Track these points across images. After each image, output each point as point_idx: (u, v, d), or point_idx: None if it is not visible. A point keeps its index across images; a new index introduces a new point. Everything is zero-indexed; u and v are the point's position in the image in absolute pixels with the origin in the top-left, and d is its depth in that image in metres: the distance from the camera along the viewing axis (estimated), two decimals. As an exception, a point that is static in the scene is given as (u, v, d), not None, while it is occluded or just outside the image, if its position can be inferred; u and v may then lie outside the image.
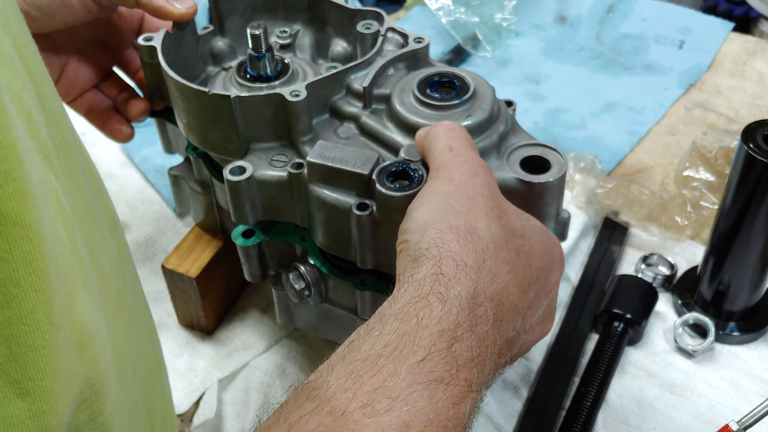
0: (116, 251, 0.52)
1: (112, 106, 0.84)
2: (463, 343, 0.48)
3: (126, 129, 0.83)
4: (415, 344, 0.47)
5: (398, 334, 0.48)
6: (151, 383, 0.58)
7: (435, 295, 0.49)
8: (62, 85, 0.80)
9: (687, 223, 0.95)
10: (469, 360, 0.48)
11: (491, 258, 0.52)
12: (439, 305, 0.49)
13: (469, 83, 0.67)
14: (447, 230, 0.52)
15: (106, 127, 0.83)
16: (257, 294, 0.92)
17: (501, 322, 0.51)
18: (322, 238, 0.68)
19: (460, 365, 0.47)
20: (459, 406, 0.47)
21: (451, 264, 0.51)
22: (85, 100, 0.83)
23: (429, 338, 0.47)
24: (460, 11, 1.29)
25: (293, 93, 0.67)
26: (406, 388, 0.45)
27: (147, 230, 1.00)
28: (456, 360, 0.47)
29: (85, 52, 0.81)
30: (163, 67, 0.70)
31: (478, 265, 0.51)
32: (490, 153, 0.65)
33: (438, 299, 0.49)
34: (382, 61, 0.70)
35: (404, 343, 0.47)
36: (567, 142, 1.11)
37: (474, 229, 0.53)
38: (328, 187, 0.64)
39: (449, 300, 0.49)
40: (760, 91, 1.19)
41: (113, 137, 0.83)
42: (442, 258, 0.51)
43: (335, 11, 0.78)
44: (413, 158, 0.62)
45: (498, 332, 0.51)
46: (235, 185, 0.66)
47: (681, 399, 0.80)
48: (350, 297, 0.71)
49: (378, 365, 0.46)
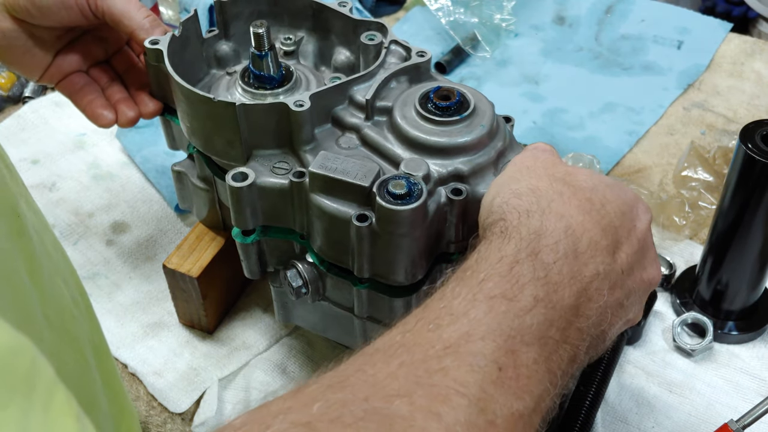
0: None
1: (98, 90, 0.82)
2: (525, 266, 0.51)
3: (108, 114, 0.80)
4: (476, 271, 0.51)
5: (462, 269, 0.53)
6: None
7: (496, 235, 0.54)
8: (50, 71, 0.80)
9: (685, 223, 0.96)
10: (534, 279, 0.50)
11: (557, 203, 0.55)
12: (498, 240, 0.53)
13: (469, 99, 0.68)
14: (509, 194, 0.56)
15: (88, 109, 0.81)
16: (258, 293, 0.93)
17: (579, 254, 0.53)
18: (321, 246, 0.68)
19: (524, 284, 0.50)
20: (524, 318, 0.49)
21: (514, 213, 0.55)
22: (69, 82, 0.81)
23: (488, 264, 0.51)
24: (460, 12, 1.29)
25: (297, 103, 0.67)
26: (467, 305, 0.49)
27: (148, 230, 1.00)
28: (517, 279, 0.50)
29: (78, 42, 0.81)
30: (170, 72, 0.71)
31: (542, 210, 0.54)
32: (487, 169, 0.66)
33: (498, 237, 0.53)
34: (385, 73, 0.71)
35: (467, 274, 0.52)
36: (566, 142, 1.11)
37: (536, 187, 0.56)
38: (328, 197, 0.65)
39: (509, 235, 0.53)
40: (758, 92, 1.19)
41: (94, 121, 0.81)
42: (505, 212, 0.55)
43: (339, 20, 0.78)
44: (414, 172, 0.63)
45: (576, 263, 0.52)
46: (237, 191, 0.67)
47: (680, 398, 0.81)
48: (348, 295, 0.71)
49: (444, 293, 0.51)
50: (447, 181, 0.65)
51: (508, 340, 0.48)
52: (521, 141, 0.71)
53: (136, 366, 0.86)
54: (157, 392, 0.84)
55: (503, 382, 0.46)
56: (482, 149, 0.67)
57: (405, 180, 0.62)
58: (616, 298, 0.55)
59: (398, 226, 0.61)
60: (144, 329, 0.90)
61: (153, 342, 0.88)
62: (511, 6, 1.31)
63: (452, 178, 0.65)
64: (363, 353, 0.48)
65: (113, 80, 0.83)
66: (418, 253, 0.64)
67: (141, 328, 0.90)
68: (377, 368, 0.46)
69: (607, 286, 0.54)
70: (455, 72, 1.25)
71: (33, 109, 1.18)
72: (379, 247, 0.64)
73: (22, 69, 0.80)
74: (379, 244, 0.63)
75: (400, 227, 0.61)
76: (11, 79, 1.21)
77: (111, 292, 0.93)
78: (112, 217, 1.02)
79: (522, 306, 0.49)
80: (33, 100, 1.20)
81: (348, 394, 0.44)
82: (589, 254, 0.53)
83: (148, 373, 0.85)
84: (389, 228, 0.61)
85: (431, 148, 0.66)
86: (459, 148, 0.66)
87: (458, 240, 0.67)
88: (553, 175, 0.58)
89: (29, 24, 0.76)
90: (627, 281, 0.56)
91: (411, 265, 0.65)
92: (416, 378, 0.45)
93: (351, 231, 0.64)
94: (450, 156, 0.66)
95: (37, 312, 0.46)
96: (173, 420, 0.82)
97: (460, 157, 0.66)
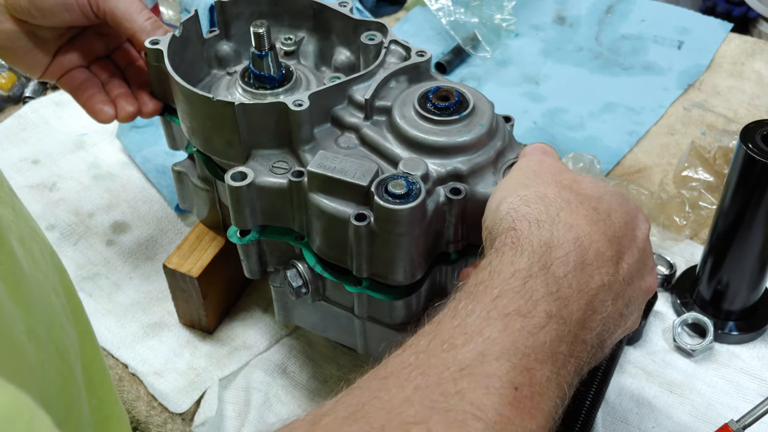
0: None
1: (98, 85, 0.82)
2: (538, 280, 0.50)
3: (108, 110, 0.80)
4: (489, 287, 0.50)
5: (474, 283, 0.52)
6: None
7: (508, 246, 0.53)
8: (52, 69, 0.80)
9: (685, 223, 0.96)
10: (547, 294, 0.50)
11: (566, 212, 0.54)
12: (510, 252, 0.52)
13: (468, 99, 0.68)
14: (517, 200, 0.56)
15: (88, 104, 0.81)
16: (258, 293, 0.93)
17: (586, 266, 0.52)
18: (320, 245, 0.68)
19: (537, 299, 0.50)
20: (538, 335, 0.48)
21: (524, 223, 0.54)
22: (70, 78, 0.81)
23: (502, 279, 0.51)
24: (460, 12, 1.29)
25: (296, 102, 0.67)
26: (482, 323, 0.48)
27: (148, 230, 1.00)
28: (531, 295, 0.50)
29: (79, 39, 0.81)
30: (170, 72, 0.71)
31: (552, 219, 0.54)
32: (486, 168, 0.66)
33: (510, 248, 0.53)
34: (385, 73, 0.71)
35: (480, 289, 0.51)
36: (566, 142, 1.11)
37: (543, 194, 0.56)
38: (327, 197, 0.65)
39: (521, 246, 0.52)
40: (758, 92, 1.19)
41: (94, 116, 0.81)
42: (515, 220, 0.54)
43: (340, 21, 0.78)
44: (412, 171, 0.63)
45: (584, 275, 0.52)
46: (236, 190, 0.67)
47: (680, 398, 0.81)
48: (347, 295, 0.71)
49: (457, 310, 0.50)
50: (446, 180, 0.65)
51: (523, 359, 0.47)
52: (521, 141, 0.71)
53: (137, 366, 0.86)
54: (157, 392, 0.84)
55: (519, 402, 0.46)
56: (481, 149, 0.67)
57: (404, 179, 0.62)
58: (617, 308, 0.55)
59: (397, 226, 0.61)
60: (144, 329, 0.90)
61: (153, 342, 0.88)
62: (512, 6, 1.31)
63: (451, 177, 0.65)
64: (376, 376, 0.48)
65: (114, 75, 0.83)
66: (416, 253, 0.64)
67: (141, 328, 0.90)
68: (392, 393, 0.45)
69: (611, 297, 0.54)
70: (455, 72, 1.25)
71: (33, 109, 1.19)
72: (377, 246, 0.64)
73: (24, 68, 0.80)
74: (377, 243, 0.63)
75: (398, 227, 0.61)
76: (12, 79, 1.21)
77: (111, 292, 0.93)
78: (112, 217, 1.02)
79: (536, 323, 0.49)
80: (33, 100, 1.21)
81: (364, 425, 0.43)
82: (595, 266, 0.53)
83: (149, 373, 0.85)
84: (388, 227, 0.61)
85: (430, 148, 0.66)
86: (458, 148, 0.66)
87: (457, 240, 0.67)
88: (561, 182, 0.57)
89: (30, 24, 0.76)
90: (627, 290, 0.56)
91: (410, 265, 0.65)
92: (432, 403, 0.44)
93: (349, 230, 0.64)
94: (449, 155, 0.66)
95: (20, 335, 0.44)
96: (173, 420, 0.82)
97: (459, 156, 0.66)
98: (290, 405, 0.82)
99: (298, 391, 0.84)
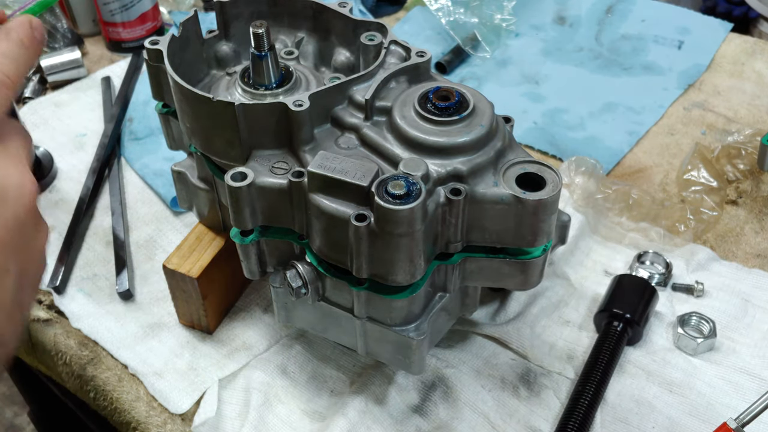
0: None
1: None
2: None
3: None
4: None
5: None
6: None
7: None
8: None
9: (686, 230, 0.95)
10: None
11: None
12: None
13: (468, 99, 0.68)
14: None
15: None
16: (258, 294, 0.93)
17: None
18: (320, 245, 0.68)
19: None
20: None
21: None
22: None
23: None
24: (460, 12, 1.29)
25: (296, 103, 0.67)
26: None
27: (148, 231, 1.01)
28: None
29: None
30: (169, 72, 0.71)
31: None
32: (486, 168, 0.66)
33: None
34: (385, 73, 0.71)
35: None
36: (566, 142, 1.11)
37: None
38: (327, 197, 0.65)
39: None
40: (758, 92, 1.19)
41: None
42: None
43: (339, 21, 0.79)
44: (413, 171, 0.63)
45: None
46: (236, 191, 0.67)
47: (680, 398, 0.81)
48: (347, 296, 0.71)
49: None
50: (446, 181, 0.65)
51: None
52: (521, 141, 0.71)
53: (137, 366, 0.86)
54: (157, 393, 0.84)
55: None
56: (481, 149, 0.67)
57: (404, 180, 0.62)
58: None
59: (397, 226, 0.61)
60: (144, 330, 0.90)
61: (153, 342, 0.88)
62: (512, 6, 1.31)
63: (451, 178, 0.65)
64: None
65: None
66: (416, 253, 0.64)
67: (141, 329, 0.90)
68: None
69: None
70: (455, 72, 1.25)
71: (33, 110, 1.19)
72: (377, 247, 0.64)
73: None
74: (377, 244, 0.63)
75: (398, 227, 0.61)
76: (12, 80, 1.21)
77: (111, 293, 0.93)
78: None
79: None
80: (33, 101, 1.21)
81: None
82: None
83: (149, 373, 0.85)
84: (388, 228, 0.61)
85: (430, 148, 0.66)
86: (458, 148, 0.66)
87: (457, 240, 0.67)
88: None
89: None
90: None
91: (410, 265, 0.65)
92: None
93: (350, 231, 0.64)
94: (449, 156, 0.66)
95: None
96: (173, 420, 0.82)
97: (459, 157, 0.66)
98: (290, 405, 0.82)
99: (298, 391, 0.84)
